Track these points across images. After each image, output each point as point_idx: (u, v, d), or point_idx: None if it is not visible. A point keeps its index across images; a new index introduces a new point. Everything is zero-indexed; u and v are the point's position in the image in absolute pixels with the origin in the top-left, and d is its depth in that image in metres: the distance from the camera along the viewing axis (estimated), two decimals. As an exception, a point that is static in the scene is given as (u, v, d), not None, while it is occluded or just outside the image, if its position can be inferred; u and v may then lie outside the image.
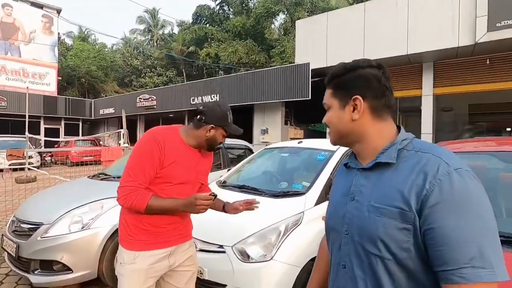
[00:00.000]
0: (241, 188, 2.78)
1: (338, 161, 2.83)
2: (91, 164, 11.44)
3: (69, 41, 32.64)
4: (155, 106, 14.60)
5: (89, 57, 26.42)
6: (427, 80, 8.95)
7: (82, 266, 2.50)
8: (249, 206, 1.56)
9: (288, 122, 11.90)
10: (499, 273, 0.57)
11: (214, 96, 12.06)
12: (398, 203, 0.65)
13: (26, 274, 2.51)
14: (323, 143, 3.41)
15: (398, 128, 0.79)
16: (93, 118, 19.15)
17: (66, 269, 2.47)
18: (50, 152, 14.56)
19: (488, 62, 8.03)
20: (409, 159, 0.70)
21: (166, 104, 14.17)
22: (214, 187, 2.99)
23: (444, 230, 0.60)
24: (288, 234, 2.09)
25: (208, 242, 2.15)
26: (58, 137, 16.43)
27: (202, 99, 12.47)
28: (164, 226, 1.42)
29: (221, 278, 2.02)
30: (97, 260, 2.55)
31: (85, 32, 32.99)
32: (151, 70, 30.28)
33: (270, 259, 1.97)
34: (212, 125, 1.43)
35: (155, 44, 33.52)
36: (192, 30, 28.01)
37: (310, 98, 9.50)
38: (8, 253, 2.71)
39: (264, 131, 11.28)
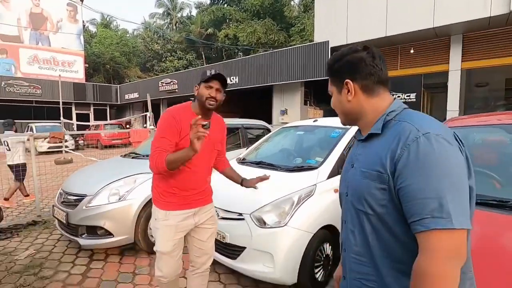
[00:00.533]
0: (259, 164, 2.99)
1: (351, 138, 2.94)
2: (119, 147, 12.18)
3: (92, 29, 33.61)
4: (176, 90, 14.99)
5: (112, 43, 27.20)
6: (455, 55, 8.50)
7: (121, 231, 2.87)
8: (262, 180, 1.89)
9: (308, 102, 11.84)
10: (456, 222, 0.65)
11: (233, 78, 12.18)
12: (377, 167, 0.77)
13: (75, 238, 2.93)
14: (337, 121, 3.51)
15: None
16: (119, 103, 20.01)
17: (108, 234, 2.85)
18: (82, 135, 15.58)
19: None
20: (391, 129, 0.80)
21: (187, 87, 14.50)
22: (234, 164, 3.22)
23: (410, 187, 0.69)
24: (301, 204, 2.29)
25: (229, 211, 2.41)
26: (89, 121, 17.44)
27: (221, 82, 12.63)
28: (188, 190, 1.69)
29: (241, 242, 2.27)
30: (133, 227, 2.90)
31: (107, 19, 33.73)
32: (171, 54, 30.65)
33: (284, 225, 2.18)
34: (196, 85, 1.69)
35: (174, 27, 33.61)
36: (210, 11, 27.72)
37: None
38: (59, 220, 3.14)
39: (284, 112, 11.34)
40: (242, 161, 3.23)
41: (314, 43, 9.76)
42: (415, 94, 9.45)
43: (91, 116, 19.10)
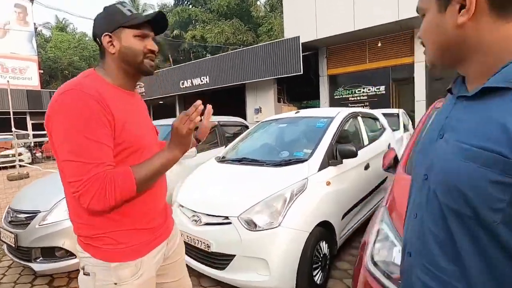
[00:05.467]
0: (241, 161, 2.71)
1: (339, 126, 2.77)
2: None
3: (47, 33, 31.25)
4: (143, 93, 14.22)
5: (69, 47, 25.42)
6: (420, 47, 8.82)
7: (85, 250, 2.44)
8: (207, 117, 1.17)
9: (282, 99, 11.76)
10: None
11: (203, 78, 11.78)
12: (497, 146, 0.45)
13: (28, 263, 2.45)
14: (322, 111, 3.33)
15: None
16: (81, 110, 18.61)
17: (69, 254, 2.42)
18: (40, 147, 14.26)
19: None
20: None
21: (155, 90, 13.82)
22: (213, 163, 2.92)
23: None
24: (294, 200, 2.05)
25: (213, 215, 2.11)
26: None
27: (191, 82, 12.18)
28: (150, 212, 1.04)
29: (229, 249, 1.98)
30: (100, 244, 2.49)
31: (63, 22, 31.56)
32: (136, 58, 29.41)
33: (278, 226, 1.93)
34: (108, 34, 0.95)
35: (138, 30, 32.33)
36: (175, 12, 26.99)
37: (302, 72, 9.33)
38: (7, 244, 2.63)
39: (258, 110, 11.14)
40: (222, 160, 2.94)
41: (285, 39, 9.68)
42: (384, 86, 9.70)
43: (50, 126, 17.56)
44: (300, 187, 2.15)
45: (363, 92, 10.08)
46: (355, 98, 10.23)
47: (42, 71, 20.39)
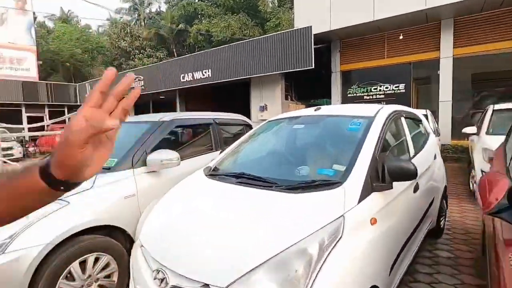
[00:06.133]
0: (239, 177, 1.85)
1: (382, 130, 1.90)
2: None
3: (51, 25, 30.70)
4: (143, 87, 13.44)
5: (71, 39, 24.76)
6: (447, 41, 7.85)
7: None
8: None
9: (289, 97, 10.87)
10: None
11: (205, 72, 10.92)
12: None
13: None
14: (353, 108, 2.45)
15: None
16: (79, 103, 17.93)
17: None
18: (34, 141, 13.57)
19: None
20: None
21: (156, 84, 13.02)
22: (199, 178, 2.07)
23: None
24: (325, 259, 1.19)
25: (186, 277, 1.25)
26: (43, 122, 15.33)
27: (193, 76, 11.33)
28: None
29: None
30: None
31: (68, 14, 30.98)
32: (140, 52, 28.78)
33: (299, 311, 1.07)
34: None
35: (143, 23, 31.73)
36: (181, 6, 26.38)
37: (313, 67, 8.43)
38: None
39: (263, 108, 10.27)
40: (213, 173, 2.08)
41: (295, 30, 8.77)
42: (404, 84, 8.76)
43: (46, 119, 16.90)
44: (333, 232, 1.28)
45: (380, 90, 9.15)
46: (371, 97, 9.30)
47: (41, 62, 19.72)
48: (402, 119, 2.40)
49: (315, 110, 2.42)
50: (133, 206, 2.23)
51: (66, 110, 17.99)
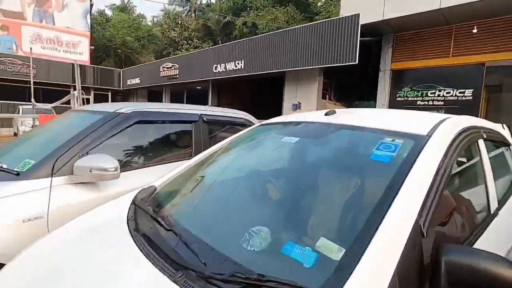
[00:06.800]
0: (170, 230, 1.02)
1: (444, 165, 0.91)
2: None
3: (110, 13, 32.73)
4: (177, 76, 13.24)
5: (124, 27, 25.98)
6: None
7: None
8: None
9: (327, 96, 9.69)
10: None
11: (238, 63, 10.20)
12: None
13: None
14: (392, 117, 1.47)
15: None
16: (121, 88, 18.60)
17: None
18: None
19: None
20: None
21: (190, 72, 12.69)
22: (119, 211, 1.29)
23: None
24: None
25: None
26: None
27: (225, 67, 10.71)
28: None
29: None
30: None
31: (128, 4, 32.71)
32: (187, 42, 29.41)
33: None
34: None
35: (193, 15, 32.41)
36: (230, -3, 26.22)
37: (356, 62, 7.20)
38: None
39: (296, 106, 9.26)
40: (142, 206, 1.27)
41: (339, 18, 7.58)
42: (472, 90, 7.09)
43: (91, 101, 17.80)
44: None
45: (439, 95, 7.56)
46: (426, 103, 7.75)
47: (93, 47, 20.88)
48: (481, 142, 1.35)
49: (325, 115, 1.48)
50: (37, 235, 1.54)
51: (109, 94, 18.79)
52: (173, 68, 13.43)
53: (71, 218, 1.53)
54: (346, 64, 7.44)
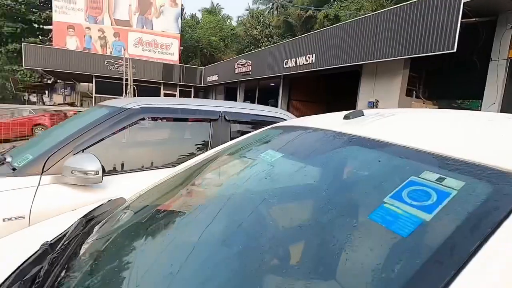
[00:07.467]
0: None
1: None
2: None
3: (200, 16, 35.71)
4: (250, 72, 13.32)
5: (210, 27, 27.92)
6: None
7: None
8: None
9: (414, 92, 8.15)
10: None
11: (309, 57, 9.51)
12: None
13: None
14: (470, 127, 0.80)
15: None
16: (202, 85, 19.98)
17: None
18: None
19: None
20: None
21: (261, 69, 12.60)
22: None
23: None
24: None
25: None
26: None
27: (296, 61, 10.16)
28: None
29: None
30: None
31: (216, 8, 35.13)
32: (268, 40, 29.74)
33: None
34: None
35: (276, 12, 32.61)
36: (313, -11, 25.21)
37: (455, 50, 5.70)
38: None
39: (373, 104, 8.08)
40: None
41: (435, -4, 6.14)
42: None
43: (177, 97, 19.73)
44: None
45: None
46: None
47: (182, 48, 23.04)
48: None
49: (344, 118, 0.91)
50: (15, 235, 1.45)
51: (192, 90, 20.45)
52: (246, 64, 13.59)
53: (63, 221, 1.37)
54: (440, 52, 5.99)
